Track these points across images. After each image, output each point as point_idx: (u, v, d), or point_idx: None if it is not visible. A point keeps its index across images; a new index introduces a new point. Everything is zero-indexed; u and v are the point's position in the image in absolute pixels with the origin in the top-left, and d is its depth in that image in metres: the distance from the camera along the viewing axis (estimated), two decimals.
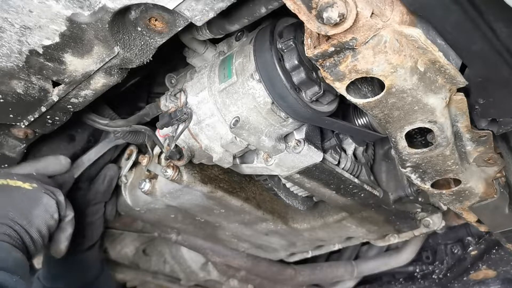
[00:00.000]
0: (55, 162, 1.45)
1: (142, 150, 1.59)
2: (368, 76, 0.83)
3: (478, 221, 1.43)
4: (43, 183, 1.36)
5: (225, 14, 0.95)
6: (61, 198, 1.36)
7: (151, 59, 1.04)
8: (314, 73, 1.02)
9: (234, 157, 1.22)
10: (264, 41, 1.04)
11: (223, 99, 1.12)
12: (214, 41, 1.23)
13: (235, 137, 1.13)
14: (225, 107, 1.12)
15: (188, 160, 1.24)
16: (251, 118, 1.09)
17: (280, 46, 1.02)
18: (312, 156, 1.17)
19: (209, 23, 1.02)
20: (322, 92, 1.03)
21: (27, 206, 1.27)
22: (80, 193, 1.56)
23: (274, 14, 1.02)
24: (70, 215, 1.39)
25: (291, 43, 1.01)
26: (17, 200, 1.27)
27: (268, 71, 1.03)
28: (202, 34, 1.12)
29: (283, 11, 0.93)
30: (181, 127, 1.21)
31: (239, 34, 1.19)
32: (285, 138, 1.19)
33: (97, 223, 1.63)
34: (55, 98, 1.12)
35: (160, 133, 1.34)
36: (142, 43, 0.99)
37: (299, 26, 1.04)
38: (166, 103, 1.26)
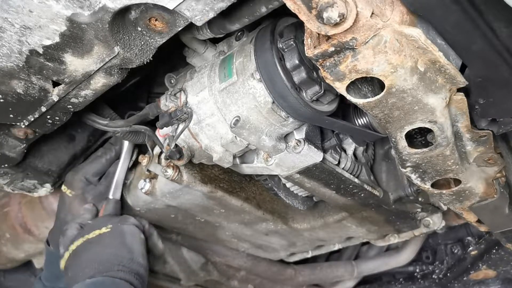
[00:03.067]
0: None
1: (142, 150, 1.59)
2: (368, 76, 0.83)
3: (478, 221, 1.43)
4: (112, 218, 1.42)
5: (226, 14, 0.95)
6: (133, 219, 1.43)
7: (151, 59, 1.04)
8: (314, 73, 1.02)
9: (234, 157, 1.22)
10: (265, 41, 1.04)
11: (223, 99, 1.12)
12: (214, 41, 1.22)
13: (235, 136, 1.13)
14: (226, 107, 1.12)
15: (188, 160, 1.24)
16: (251, 117, 1.09)
17: (281, 46, 1.02)
18: (312, 156, 1.17)
19: (210, 23, 1.02)
20: (322, 91, 1.03)
21: (119, 245, 1.31)
22: (90, 187, 1.58)
23: (274, 13, 1.02)
24: (146, 225, 1.46)
25: (292, 42, 1.01)
26: (108, 246, 1.31)
27: (268, 70, 1.03)
28: (202, 34, 1.12)
29: (284, 11, 0.93)
30: (181, 126, 1.21)
31: (239, 34, 1.19)
32: (285, 138, 1.19)
33: None
34: (55, 98, 1.12)
35: (160, 133, 1.34)
36: (142, 43, 0.99)
37: (299, 25, 1.04)
38: (166, 103, 1.26)
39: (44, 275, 1.58)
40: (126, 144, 1.55)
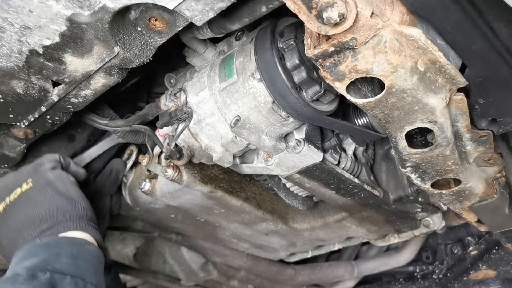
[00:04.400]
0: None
1: (142, 150, 1.59)
2: (368, 76, 0.83)
3: (478, 221, 1.43)
4: (25, 168, 1.27)
5: (226, 13, 0.95)
6: (47, 160, 1.27)
7: (151, 59, 1.04)
8: (315, 73, 1.02)
9: (234, 157, 1.22)
10: (265, 41, 1.04)
11: (223, 98, 1.12)
12: (214, 41, 1.22)
13: (235, 136, 1.13)
14: (226, 106, 1.12)
15: (188, 160, 1.24)
16: (251, 117, 1.09)
17: (281, 46, 1.02)
18: (312, 156, 1.17)
19: (210, 22, 1.02)
20: (323, 91, 1.03)
21: (54, 196, 1.18)
22: (88, 187, 1.52)
23: (274, 13, 1.02)
24: (59, 156, 1.31)
25: (292, 42, 1.01)
26: (41, 202, 1.17)
27: (269, 70, 1.03)
28: (203, 33, 1.12)
29: (284, 10, 0.93)
30: (181, 126, 1.21)
31: (239, 33, 1.19)
32: (285, 138, 1.19)
33: (104, 217, 1.60)
34: (55, 98, 1.12)
35: (160, 133, 1.34)
36: (142, 43, 0.99)
37: (299, 25, 1.04)
38: (166, 103, 1.26)
39: None
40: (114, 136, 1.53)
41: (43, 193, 1.19)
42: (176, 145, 1.23)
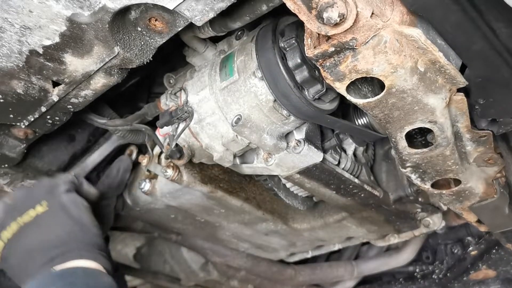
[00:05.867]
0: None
1: (142, 150, 1.59)
2: (368, 76, 0.83)
3: (478, 221, 1.43)
4: (39, 187, 1.27)
5: (227, 12, 0.95)
6: (62, 181, 1.27)
7: (151, 59, 1.04)
8: (316, 71, 1.02)
9: (235, 156, 1.22)
10: (267, 40, 1.04)
11: (224, 97, 1.12)
12: (214, 40, 1.23)
13: (236, 135, 1.13)
14: (227, 105, 1.12)
15: (188, 159, 1.24)
16: (253, 116, 1.09)
17: (283, 45, 1.02)
18: (312, 156, 1.17)
19: (211, 21, 1.02)
20: (324, 90, 1.03)
21: (66, 222, 1.19)
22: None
23: (274, 12, 1.02)
24: (72, 177, 1.32)
25: (294, 41, 1.01)
26: (53, 226, 1.18)
27: (271, 69, 1.03)
28: (204, 32, 1.12)
29: (284, 9, 0.93)
30: (181, 125, 1.21)
31: (239, 33, 1.19)
32: (286, 137, 1.19)
33: (108, 217, 1.58)
34: (55, 98, 1.12)
35: (160, 132, 1.34)
36: (142, 43, 0.99)
37: (300, 24, 1.04)
38: (166, 102, 1.26)
39: None
40: (113, 138, 1.53)
41: (57, 218, 1.19)
42: (176, 144, 1.23)
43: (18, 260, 1.17)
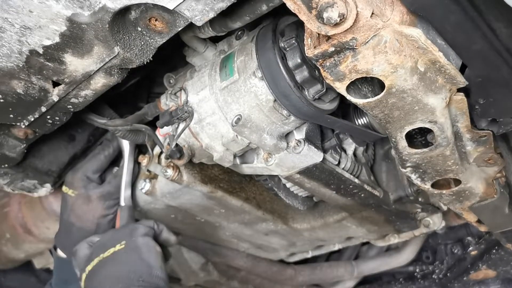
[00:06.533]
0: None
1: (142, 150, 1.59)
2: (368, 76, 0.83)
3: (478, 221, 1.43)
4: (123, 230, 1.40)
5: (227, 12, 0.95)
6: (142, 227, 1.40)
7: (151, 59, 1.04)
8: (316, 71, 1.02)
9: (235, 156, 1.22)
10: (267, 40, 1.04)
11: (224, 97, 1.12)
12: (214, 40, 1.23)
13: (236, 135, 1.13)
14: (227, 105, 1.12)
15: (188, 159, 1.24)
16: (253, 116, 1.09)
17: (283, 45, 1.02)
18: (312, 156, 1.17)
19: (212, 21, 1.02)
20: (324, 90, 1.03)
21: (136, 261, 1.29)
22: (92, 185, 1.54)
23: (274, 12, 1.02)
24: (154, 224, 1.43)
25: (294, 41, 1.01)
26: (125, 263, 1.29)
27: (271, 69, 1.03)
28: (204, 32, 1.12)
29: (284, 9, 0.93)
30: (182, 125, 1.21)
31: (239, 33, 1.19)
32: (286, 137, 1.19)
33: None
34: (55, 98, 1.12)
35: (160, 132, 1.34)
36: (142, 43, 0.99)
37: (300, 24, 1.04)
38: (166, 102, 1.26)
39: (54, 282, 1.56)
40: (127, 146, 1.54)
41: (129, 256, 1.31)
42: (176, 144, 1.23)
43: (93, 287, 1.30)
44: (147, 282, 1.25)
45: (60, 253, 1.54)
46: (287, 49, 1.02)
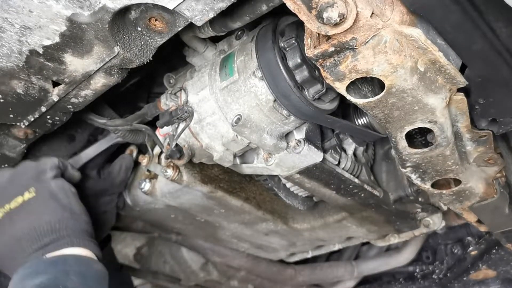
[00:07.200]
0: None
1: (142, 150, 1.59)
2: (368, 76, 0.83)
3: (478, 221, 1.43)
4: (25, 173, 1.24)
5: (227, 12, 0.95)
6: (48, 165, 1.25)
7: (151, 59, 1.04)
8: (316, 71, 1.03)
9: (235, 156, 1.22)
10: (267, 40, 1.04)
11: (224, 97, 1.12)
12: (214, 40, 1.23)
13: (236, 135, 1.13)
14: (227, 105, 1.12)
15: (188, 159, 1.24)
16: (253, 116, 1.09)
17: (283, 45, 1.02)
18: (312, 156, 1.17)
19: (212, 21, 1.02)
20: (324, 90, 1.03)
21: (56, 209, 1.17)
22: (90, 182, 1.51)
23: (274, 12, 1.02)
24: (57, 160, 1.29)
25: (294, 41, 1.01)
26: (42, 213, 1.16)
27: (271, 70, 1.03)
28: (204, 32, 1.12)
29: (284, 9, 0.93)
30: (182, 125, 1.21)
31: (239, 33, 1.19)
32: (285, 137, 1.19)
33: (110, 213, 1.57)
34: (55, 98, 1.12)
35: (160, 132, 1.34)
36: (142, 43, 0.99)
37: (300, 24, 1.04)
38: (166, 102, 1.26)
39: None
40: (111, 135, 1.52)
41: (46, 205, 1.17)
42: (176, 144, 1.23)
43: (6, 247, 1.15)
44: (76, 229, 1.14)
45: None
46: (287, 49, 1.02)
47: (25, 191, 1.19)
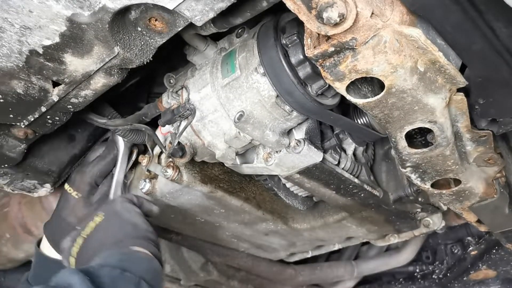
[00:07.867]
0: None
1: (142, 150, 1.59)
2: (368, 76, 0.83)
3: (478, 221, 1.43)
4: (98, 205, 1.40)
5: (229, 9, 0.95)
6: (120, 198, 1.37)
7: (151, 59, 1.04)
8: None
9: (236, 154, 1.22)
10: (268, 37, 1.04)
11: (226, 94, 1.12)
12: (214, 39, 1.23)
13: (239, 132, 1.13)
14: (229, 102, 1.12)
15: (190, 157, 1.24)
16: (255, 112, 1.09)
17: (285, 42, 1.02)
18: (312, 156, 1.17)
19: (213, 18, 1.03)
20: (327, 85, 1.03)
21: (120, 224, 1.28)
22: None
23: (274, 10, 1.02)
24: (133, 197, 1.40)
25: (295, 38, 1.01)
26: (109, 230, 1.28)
27: (274, 67, 1.02)
28: (205, 29, 1.12)
29: (284, 7, 0.93)
30: (183, 123, 1.21)
31: (239, 30, 1.19)
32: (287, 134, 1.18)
33: None
34: (55, 98, 1.12)
35: (162, 131, 1.34)
36: (142, 43, 0.99)
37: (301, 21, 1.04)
38: (168, 100, 1.26)
39: (31, 277, 1.49)
40: (121, 143, 1.53)
41: (111, 223, 1.29)
42: (178, 142, 1.22)
43: (83, 265, 1.26)
44: (137, 236, 1.24)
45: (42, 249, 1.52)
46: (289, 45, 1.02)
47: (95, 217, 1.32)
